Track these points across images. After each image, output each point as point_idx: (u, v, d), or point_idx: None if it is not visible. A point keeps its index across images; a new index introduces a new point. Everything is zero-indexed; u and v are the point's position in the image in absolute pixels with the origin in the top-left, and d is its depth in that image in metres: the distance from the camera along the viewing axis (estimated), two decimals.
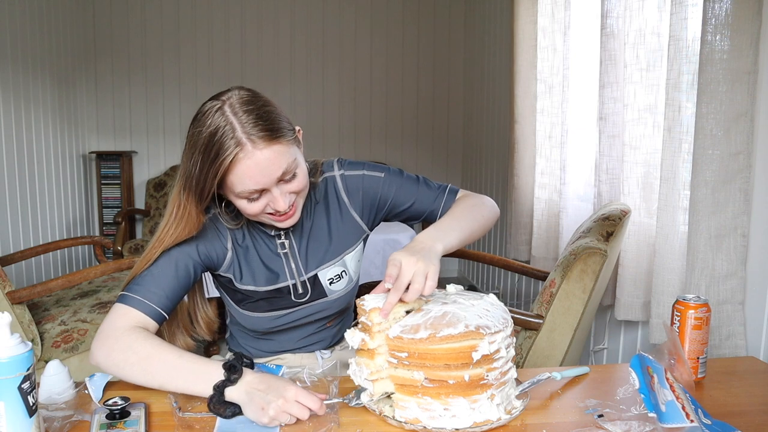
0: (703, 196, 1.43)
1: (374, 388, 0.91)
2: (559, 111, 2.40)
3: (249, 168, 0.96)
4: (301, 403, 0.87)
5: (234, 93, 0.99)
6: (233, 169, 0.96)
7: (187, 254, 1.06)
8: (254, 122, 0.96)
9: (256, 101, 0.99)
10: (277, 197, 1.00)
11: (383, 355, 0.90)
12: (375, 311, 0.90)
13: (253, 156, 0.95)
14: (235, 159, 0.95)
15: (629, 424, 0.86)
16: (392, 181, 1.18)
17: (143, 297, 1.01)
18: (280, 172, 0.98)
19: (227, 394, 0.90)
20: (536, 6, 2.60)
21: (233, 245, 1.12)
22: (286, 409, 0.86)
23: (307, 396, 0.88)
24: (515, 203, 2.85)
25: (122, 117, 4.22)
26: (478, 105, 4.03)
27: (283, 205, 1.01)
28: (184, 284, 1.06)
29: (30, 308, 2.07)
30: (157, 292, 1.02)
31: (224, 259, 1.11)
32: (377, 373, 0.90)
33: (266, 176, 0.97)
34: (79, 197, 4.02)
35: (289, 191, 1.02)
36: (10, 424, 0.77)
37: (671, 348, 0.99)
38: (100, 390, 0.98)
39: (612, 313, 2.02)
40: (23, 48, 3.23)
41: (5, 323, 0.77)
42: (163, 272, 1.03)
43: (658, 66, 1.73)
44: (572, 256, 1.52)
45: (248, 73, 4.23)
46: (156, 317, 1.02)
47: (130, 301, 1.01)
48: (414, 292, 0.90)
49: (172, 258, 1.04)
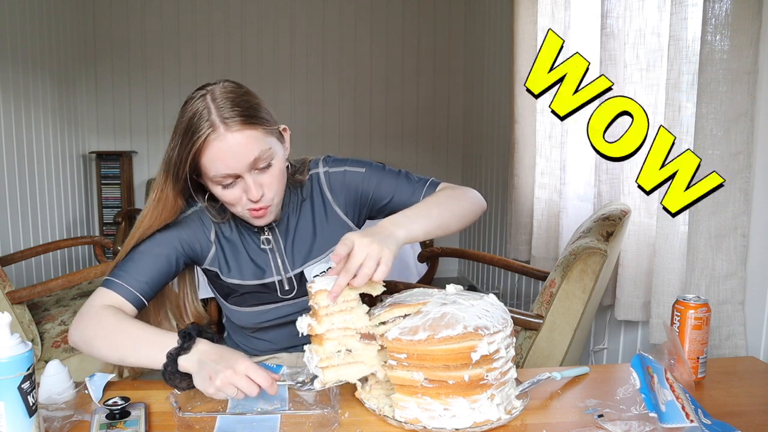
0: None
1: (324, 375, 0.89)
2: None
3: (220, 150, 0.97)
4: (252, 379, 0.85)
5: (219, 84, 1.04)
6: (205, 151, 0.98)
7: (170, 244, 1.08)
8: (231, 107, 0.98)
9: (237, 90, 1.02)
10: (250, 185, 1.00)
11: (334, 341, 0.88)
12: (322, 294, 0.88)
13: (225, 138, 0.97)
14: (207, 140, 0.97)
15: (629, 424, 0.86)
16: (373, 175, 1.17)
17: (123, 281, 1.03)
18: (252, 157, 0.99)
19: (181, 363, 0.90)
20: (536, 6, 2.60)
21: (217, 238, 1.13)
22: (233, 381, 0.84)
23: (258, 372, 0.85)
24: (515, 203, 2.85)
25: (122, 117, 4.21)
26: (478, 105, 4.03)
27: (255, 194, 1.01)
28: (165, 272, 1.07)
29: (30, 308, 2.07)
30: (137, 278, 1.04)
31: (208, 252, 1.13)
32: (327, 360, 0.88)
33: (237, 161, 0.98)
34: (79, 197, 4.02)
35: (263, 182, 1.02)
36: (10, 424, 0.77)
37: (671, 348, 0.99)
38: (100, 390, 0.98)
39: (612, 313, 2.02)
40: (23, 48, 3.23)
41: (5, 323, 0.77)
42: (144, 259, 1.05)
43: (658, 66, 1.73)
44: (572, 256, 1.52)
45: (248, 72, 4.23)
46: (134, 302, 1.03)
47: (111, 285, 1.03)
48: (362, 276, 0.86)
49: (155, 246, 1.06)
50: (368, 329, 0.91)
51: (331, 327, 0.88)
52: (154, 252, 1.06)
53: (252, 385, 0.85)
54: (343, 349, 0.89)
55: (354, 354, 0.90)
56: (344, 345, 0.89)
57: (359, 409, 0.94)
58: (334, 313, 0.88)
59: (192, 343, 0.91)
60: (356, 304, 0.91)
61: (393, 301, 0.96)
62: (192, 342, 0.91)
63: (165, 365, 0.90)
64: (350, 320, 0.90)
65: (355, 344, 0.90)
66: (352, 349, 0.90)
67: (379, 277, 0.87)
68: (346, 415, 0.92)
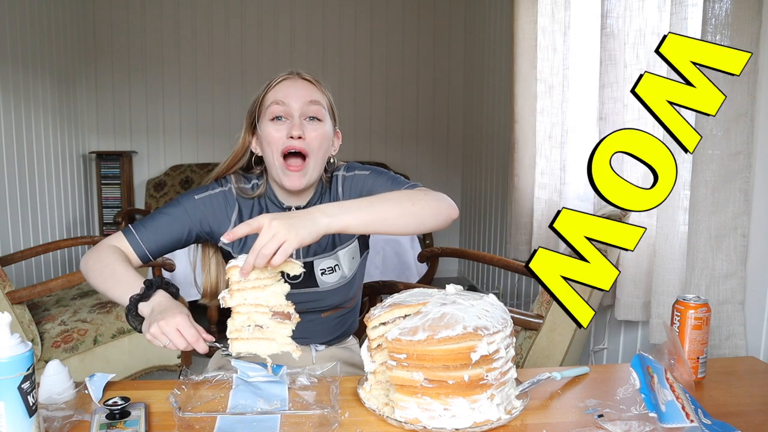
0: (703, 196, 1.43)
1: (233, 346, 0.91)
2: (559, 111, 2.40)
3: (287, 86, 1.16)
4: (181, 333, 0.90)
5: None
6: (275, 86, 1.16)
7: (191, 218, 1.18)
8: (308, 74, 1.19)
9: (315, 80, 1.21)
10: (296, 123, 1.13)
11: (243, 315, 0.90)
12: (234, 269, 0.90)
13: (294, 80, 1.17)
14: (281, 81, 1.17)
15: (629, 424, 0.86)
16: (371, 178, 1.22)
17: (138, 235, 1.14)
18: (308, 99, 1.14)
19: (140, 308, 0.98)
20: (536, 6, 2.60)
21: (239, 217, 1.21)
22: (164, 331, 0.91)
23: (188, 328, 0.91)
24: (515, 203, 2.85)
25: (122, 117, 4.22)
26: (478, 105, 4.03)
27: (297, 131, 1.12)
28: (177, 239, 1.18)
29: (30, 308, 2.07)
30: (150, 236, 1.15)
31: (225, 230, 1.19)
32: (236, 332, 0.91)
33: (294, 96, 1.14)
34: (79, 197, 4.02)
35: (307, 129, 1.14)
36: (10, 424, 0.77)
37: (671, 348, 0.99)
38: (100, 390, 0.98)
39: (612, 313, 2.02)
40: (23, 48, 3.23)
41: (5, 323, 0.77)
42: (164, 221, 1.16)
43: (659, 66, 1.73)
44: None
45: (248, 73, 4.23)
46: (141, 255, 1.15)
47: (127, 234, 1.15)
48: (261, 257, 0.87)
49: (178, 214, 1.17)
50: (283, 308, 0.92)
51: (243, 302, 0.90)
52: (175, 218, 1.16)
53: (179, 338, 0.91)
54: (253, 324, 0.91)
55: (265, 330, 0.92)
56: (253, 320, 0.91)
57: (359, 409, 0.94)
58: (246, 288, 0.91)
59: (152, 293, 0.98)
60: (272, 282, 0.92)
61: (393, 301, 0.96)
62: (152, 292, 0.99)
63: (127, 307, 0.99)
64: (263, 297, 0.92)
65: (266, 321, 0.91)
66: (263, 326, 0.91)
67: (277, 261, 0.87)
68: (346, 415, 0.92)
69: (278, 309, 0.92)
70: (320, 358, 1.29)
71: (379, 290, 1.84)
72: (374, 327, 0.94)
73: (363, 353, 0.97)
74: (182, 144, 4.30)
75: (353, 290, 1.29)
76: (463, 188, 4.47)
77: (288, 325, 0.91)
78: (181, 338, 0.91)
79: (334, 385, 0.96)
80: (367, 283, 1.77)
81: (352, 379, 1.04)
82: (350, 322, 1.33)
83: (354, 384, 1.01)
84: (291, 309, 0.93)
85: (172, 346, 0.91)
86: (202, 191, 1.20)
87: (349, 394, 0.99)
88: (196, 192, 1.20)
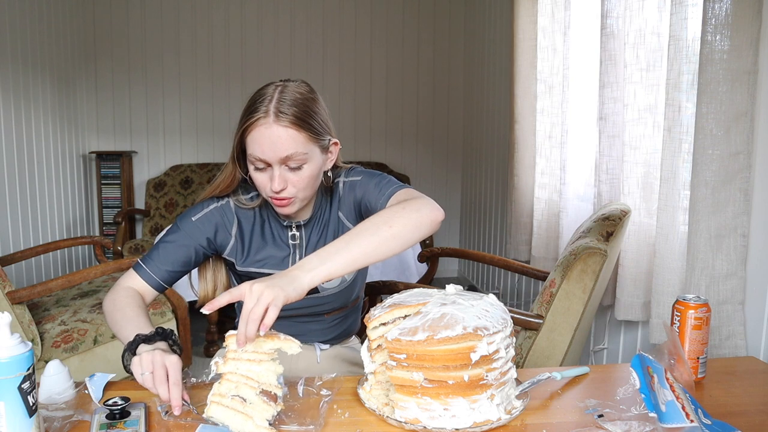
0: (703, 196, 1.43)
1: (209, 408, 0.88)
2: (559, 111, 2.40)
3: (262, 135, 1.05)
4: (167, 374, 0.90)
5: (296, 81, 1.12)
6: (252, 130, 1.06)
7: (194, 239, 1.18)
8: (289, 105, 1.06)
9: (306, 94, 1.10)
10: (275, 176, 1.08)
11: (232, 383, 0.88)
12: (232, 338, 0.87)
13: (270, 127, 1.05)
14: (257, 122, 1.06)
15: (629, 424, 0.86)
16: (361, 187, 1.19)
17: (148, 268, 1.16)
18: (285, 154, 1.06)
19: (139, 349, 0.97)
20: (536, 6, 2.60)
21: (239, 230, 1.20)
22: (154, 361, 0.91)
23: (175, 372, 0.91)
24: (515, 203, 2.85)
25: (122, 117, 4.22)
26: (478, 105, 4.03)
27: (276, 185, 1.07)
28: (186, 262, 1.18)
29: (30, 308, 2.06)
30: (160, 266, 1.16)
31: (227, 244, 1.20)
32: (218, 396, 0.88)
33: (271, 150, 1.06)
34: (79, 197, 4.02)
35: (288, 179, 1.09)
36: (10, 424, 0.77)
37: (671, 348, 0.99)
38: (100, 390, 0.98)
39: (612, 313, 2.02)
40: (23, 48, 3.23)
41: (5, 323, 0.77)
42: (169, 249, 1.16)
43: (658, 66, 1.73)
44: (572, 256, 1.52)
45: (248, 72, 4.23)
46: (155, 286, 1.16)
47: (138, 269, 1.16)
48: (251, 322, 0.84)
49: (181, 238, 1.17)
50: (272, 388, 0.89)
51: (235, 371, 0.88)
52: (179, 244, 1.16)
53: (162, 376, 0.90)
54: (238, 395, 0.88)
55: (247, 405, 0.88)
56: (239, 392, 0.88)
57: (359, 409, 0.94)
58: (241, 359, 0.88)
59: (158, 339, 0.98)
60: (268, 358, 0.89)
61: (393, 301, 0.96)
62: (158, 339, 0.98)
63: (129, 343, 0.98)
64: (255, 372, 0.88)
65: (251, 396, 0.88)
66: (246, 399, 0.88)
67: (268, 321, 0.84)
68: (346, 415, 0.92)
69: (267, 388, 0.89)
70: (324, 357, 1.29)
71: (379, 290, 1.84)
72: (374, 327, 0.94)
73: (363, 353, 0.97)
74: (182, 144, 4.30)
75: (356, 291, 1.29)
76: (463, 188, 4.47)
77: (271, 409, 0.87)
78: (164, 377, 0.89)
79: (325, 400, 0.95)
80: (367, 283, 1.77)
81: (352, 379, 1.04)
82: (353, 320, 1.34)
83: (354, 384, 1.01)
84: (279, 392, 0.89)
85: (149, 379, 0.90)
86: (198, 211, 1.18)
87: (349, 394, 0.99)
88: (193, 212, 1.18)
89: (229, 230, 1.20)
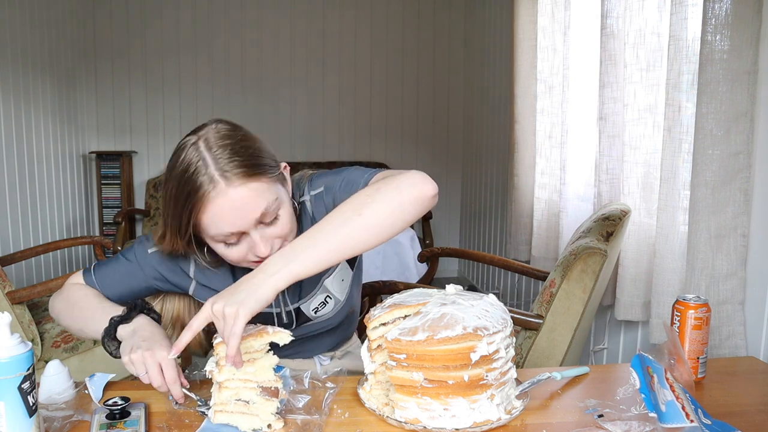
0: (703, 196, 1.43)
1: (214, 417, 0.88)
2: (559, 111, 2.40)
3: (222, 208, 0.88)
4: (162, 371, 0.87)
5: (211, 127, 0.93)
6: (206, 210, 0.88)
7: (150, 275, 1.07)
8: (229, 157, 0.88)
9: (234, 135, 0.92)
10: (257, 242, 0.92)
11: (232, 390, 0.87)
12: (222, 345, 0.84)
13: (227, 194, 0.88)
14: (208, 198, 0.87)
15: (629, 424, 0.86)
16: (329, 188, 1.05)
17: (98, 281, 1.07)
18: (258, 213, 0.90)
19: (118, 331, 0.93)
20: (536, 6, 2.60)
21: (198, 271, 1.07)
22: (145, 362, 0.86)
23: (170, 369, 0.86)
24: (515, 203, 2.85)
25: (122, 117, 4.22)
26: (478, 105, 4.03)
27: (264, 250, 0.92)
28: (137, 293, 1.08)
29: (30, 308, 2.07)
30: (109, 285, 1.07)
31: (188, 287, 1.09)
32: (221, 405, 0.88)
33: (242, 218, 0.89)
34: (79, 197, 4.02)
35: (271, 236, 0.93)
36: (10, 424, 0.77)
37: (671, 348, 0.99)
38: (100, 390, 0.98)
39: (612, 313, 2.02)
40: (23, 48, 3.23)
41: (5, 323, 0.77)
42: (121, 271, 1.07)
43: (658, 66, 1.73)
44: (572, 256, 1.52)
45: (248, 72, 4.23)
46: None
47: (87, 277, 1.07)
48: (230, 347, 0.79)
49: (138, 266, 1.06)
50: (271, 383, 0.88)
51: (231, 377, 0.86)
52: (130, 271, 1.06)
53: (158, 375, 0.86)
54: (240, 400, 0.87)
55: (250, 406, 0.87)
56: (241, 396, 0.87)
57: (359, 409, 0.94)
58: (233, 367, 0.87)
59: (134, 315, 0.94)
60: (261, 355, 0.88)
61: (393, 301, 0.96)
62: (135, 314, 0.94)
63: (106, 329, 0.93)
64: (253, 372, 0.87)
65: (253, 397, 0.87)
66: (249, 401, 0.87)
67: (237, 331, 0.78)
68: (346, 415, 0.92)
69: (267, 385, 0.88)
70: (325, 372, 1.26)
71: (379, 290, 1.84)
72: (374, 327, 0.94)
73: (363, 354, 0.97)
74: None
75: (352, 304, 1.21)
76: (463, 188, 4.47)
77: (274, 402, 0.87)
78: (160, 376, 0.86)
79: (330, 392, 0.95)
80: (367, 283, 1.77)
81: (352, 379, 1.04)
82: (352, 325, 1.31)
83: (354, 384, 1.01)
84: (279, 384, 0.88)
85: (146, 379, 0.86)
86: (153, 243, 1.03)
87: (349, 394, 0.99)
88: (150, 241, 1.04)
89: (187, 272, 1.06)
